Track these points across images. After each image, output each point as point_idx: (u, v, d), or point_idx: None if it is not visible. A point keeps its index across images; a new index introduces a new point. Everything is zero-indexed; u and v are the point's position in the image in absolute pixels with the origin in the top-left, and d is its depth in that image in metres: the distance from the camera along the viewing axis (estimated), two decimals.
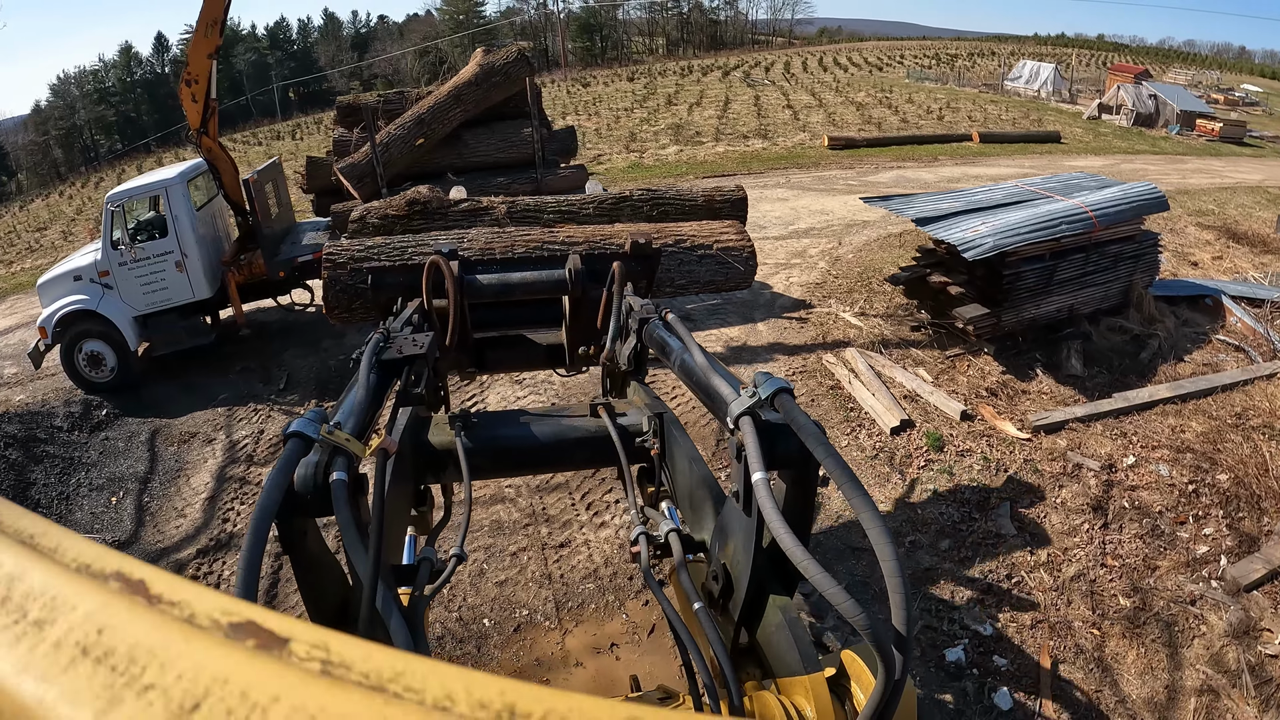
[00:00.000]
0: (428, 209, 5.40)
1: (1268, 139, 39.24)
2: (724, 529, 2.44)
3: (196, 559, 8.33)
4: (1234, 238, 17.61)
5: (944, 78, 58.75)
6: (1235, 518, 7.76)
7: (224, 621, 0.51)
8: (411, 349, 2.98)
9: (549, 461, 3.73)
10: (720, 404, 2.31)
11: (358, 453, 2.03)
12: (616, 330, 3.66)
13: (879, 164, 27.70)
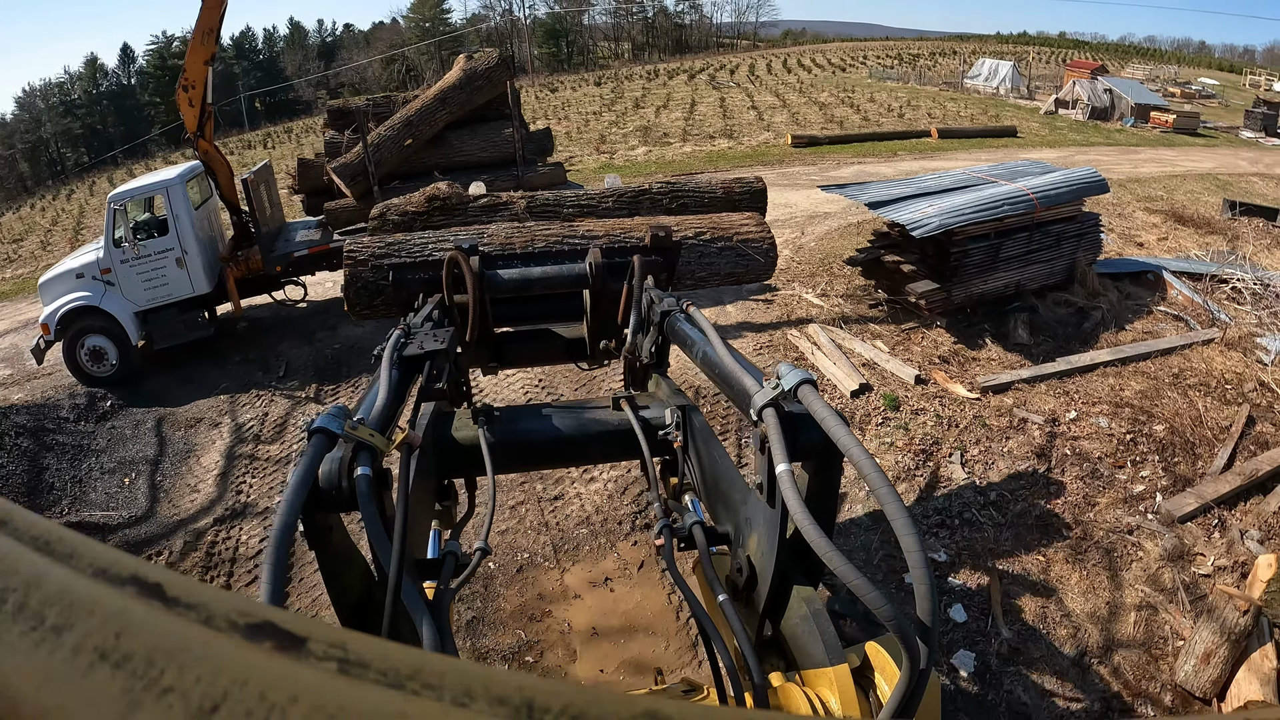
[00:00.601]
0: (447, 205, 5.32)
1: (1221, 129, 40.47)
2: (748, 521, 2.46)
3: (214, 527, 8.94)
4: (1180, 221, 18.60)
5: (905, 77, 59.76)
6: (1170, 462, 8.64)
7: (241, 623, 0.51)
8: (433, 344, 2.99)
9: (572, 455, 3.67)
10: (743, 396, 2.30)
11: (381, 448, 2.05)
12: (638, 323, 3.68)
13: (840, 160, 28.64)
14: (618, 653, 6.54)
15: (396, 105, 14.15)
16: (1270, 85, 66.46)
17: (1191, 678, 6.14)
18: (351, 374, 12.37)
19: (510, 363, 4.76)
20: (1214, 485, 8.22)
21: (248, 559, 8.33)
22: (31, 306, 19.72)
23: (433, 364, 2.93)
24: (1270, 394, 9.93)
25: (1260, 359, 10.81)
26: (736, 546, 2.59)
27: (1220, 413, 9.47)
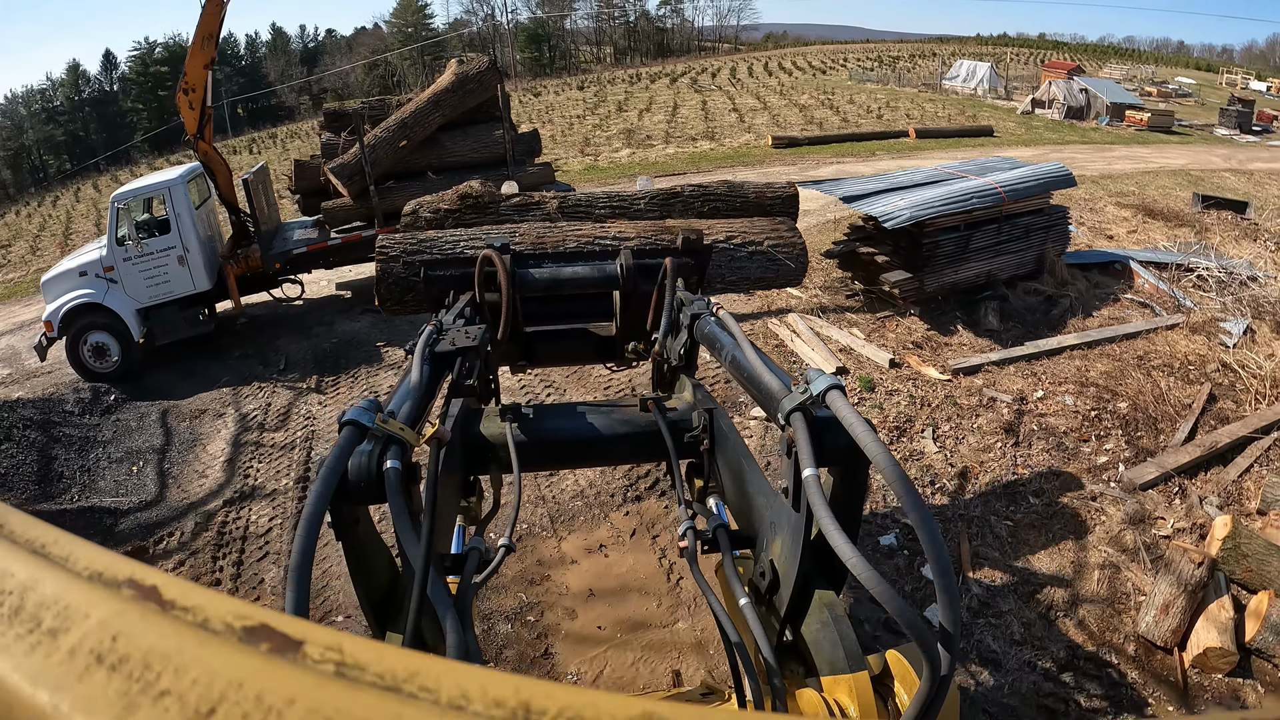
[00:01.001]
0: (480, 203, 5.31)
1: (1196, 127, 41.15)
2: (772, 525, 2.45)
3: (225, 508, 9.28)
4: (1150, 214, 19.22)
5: (885, 79, 60.33)
6: (1133, 436, 9.15)
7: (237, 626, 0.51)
8: (464, 341, 2.98)
9: (598, 455, 3.64)
10: (771, 400, 2.29)
11: (412, 441, 2.06)
12: (668, 325, 3.67)
13: (820, 160, 29.16)
14: (613, 612, 6.96)
15: (391, 108, 14.58)
16: (1246, 84, 67.20)
17: (1153, 628, 6.54)
18: (350, 366, 12.78)
19: (540, 362, 4.79)
20: (1175, 456, 8.70)
21: (258, 536, 8.68)
22: (25, 309, 20.10)
23: (464, 360, 2.93)
24: (1232, 374, 10.42)
25: (1223, 342, 11.32)
26: (760, 550, 2.57)
27: (1183, 391, 9.98)
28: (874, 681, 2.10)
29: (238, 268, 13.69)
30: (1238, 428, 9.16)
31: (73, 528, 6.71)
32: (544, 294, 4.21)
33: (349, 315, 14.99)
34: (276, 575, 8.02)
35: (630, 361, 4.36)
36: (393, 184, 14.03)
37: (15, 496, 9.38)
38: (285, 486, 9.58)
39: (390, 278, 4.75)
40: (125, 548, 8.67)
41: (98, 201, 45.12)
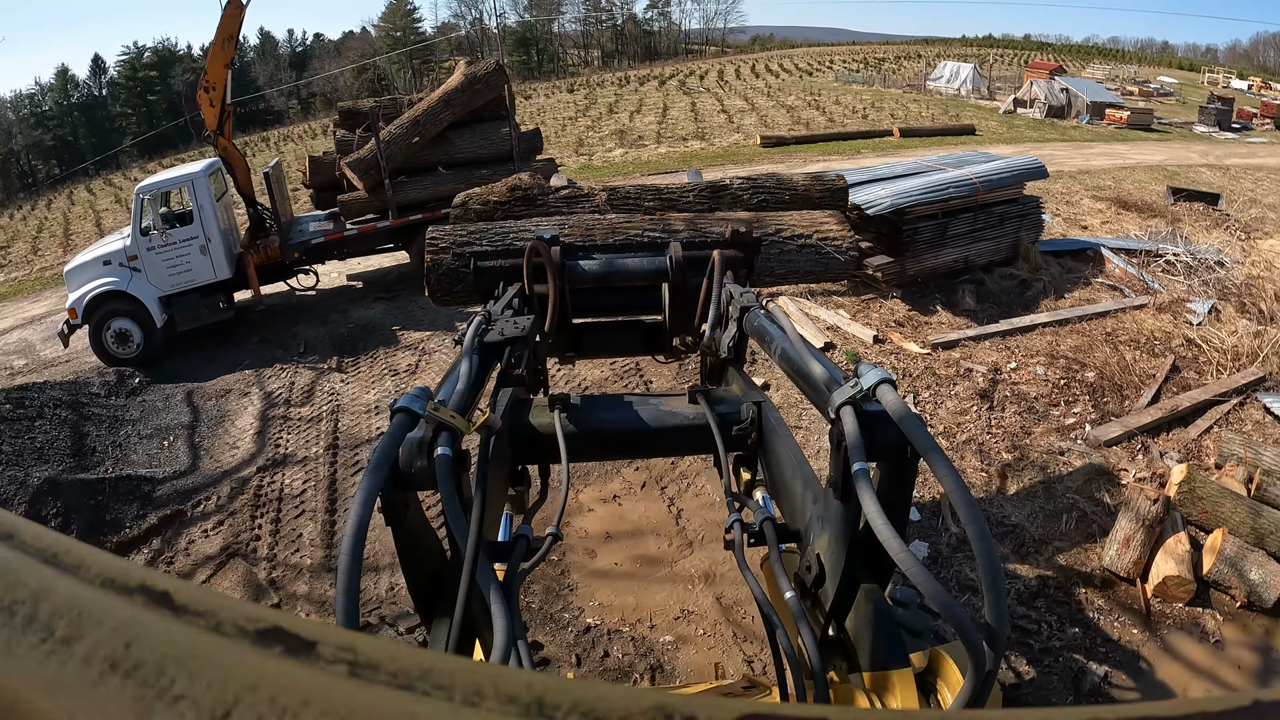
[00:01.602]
0: (529, 195, 5.31)
1: (1175, 125, 42.02)
2: (819, 519, 2.41)
3: (258, 474, 9.96)
4: (1124, 206, 20.03)
5: (871, 80, 61.15)
6: (1100, 401, 9.93)
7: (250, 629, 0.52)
8: (513, 331, 3.02)
9: (646, 447, 3.62)
10: (821, 393, 2.29)
11: (462, 429, 2.07)
12: (717, 318, 3.67)
13: (807, 158, 29.91)
14: (628, 550, 7.72)
15: (403, 106, 15.33)
16: (1228, 82, 68.07)
17: (1116, 560, 7.26)
18: (368, 348, 13.49)
19: (588, 353, 4.78)
20: (1138, 417, 9.49)
21: (293, 497, 9.37)
22: (33, 305, 20.75)
23: (513, 350, 2.98)
24: (1196, 349, 11.20)
25: (1189, 320, 12.11)
26: (806, 544, 2.52)
27: (1148, 363, 10.77)
28: (917, 678, 2.11)
29: (257, 257, 14.39)
30: (1199, 393, 9.94)
31: (111, 495, 7.54)
32: (593, 285, 4.23)
33: (362, 303, 15.74)
34: (313, 530, 8.71)
35: (679, 354, 4.40)
36: (405, 178, 14.80)
37: (52, 468, 9.85)
38: (316, 454, 10.26)
39: (441, 268, 4.78)
40: (164, 511, 9.29)
41: (93, 204, 45.58)
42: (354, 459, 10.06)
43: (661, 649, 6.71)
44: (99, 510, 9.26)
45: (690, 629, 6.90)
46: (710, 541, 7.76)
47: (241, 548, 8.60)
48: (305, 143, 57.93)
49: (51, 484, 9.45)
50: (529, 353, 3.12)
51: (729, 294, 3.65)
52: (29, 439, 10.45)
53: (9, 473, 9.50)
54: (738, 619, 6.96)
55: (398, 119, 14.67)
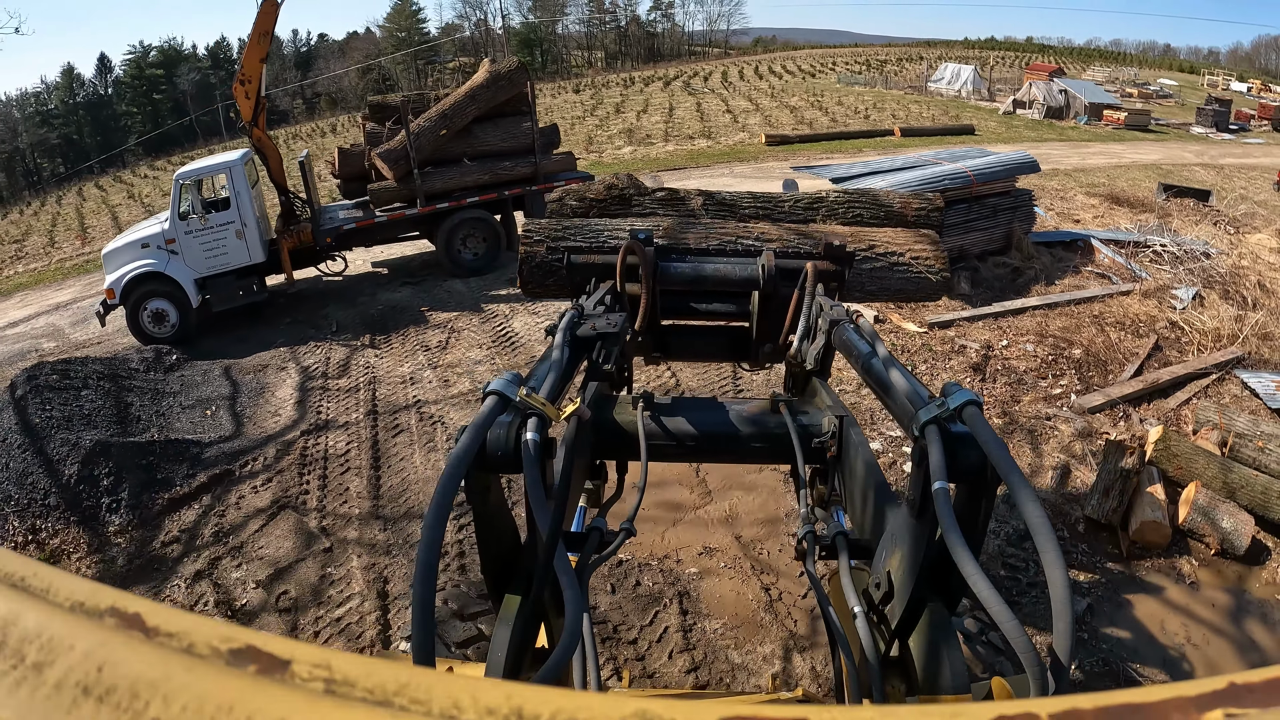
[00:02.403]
0: (625, 195, 5.33)
1: (1173, 126, 42.88)
2: (893, 536, 2.39)
3: (303, 438, 10.61)
4: (1116, 202, 20.75)
5: (873, 81, 61.96)
6: (1085, 375, 10.64)
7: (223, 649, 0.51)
8: (605, 327, 3.01)
9: (725, 451, 3.60)
10: (906, 411, 2.25)
11: (552, 416, 2.10)
12: (805, 330, 3.60)
13: (810, 156, 30.69)
14: (654, 497, 8.31)
15: (430, 101, 16.13)
16: (1227, 85, 68.64)
17: (1097, 509, 7.89)
18: (399, 327, 14.20)
19: (674, 355, 4.79)
20: (1121, 388, 10.19)
21: (338, 457, 10.05)
22: (57, 293, 21.43)
23: (604, 345, 2.96)
24: (1179, 330, 11.88)
25: (1173, 304, 12.77)
26: (877, 561, 2.48)
27: (1132, 343, 11.45)
28: None
29: (290, 241, 15.14)
30: (1179, 368, 10.64)
31: (161, 456, 8.42)
32: (683, 288, 4.21)
33: (389, 287, 16.50)
34: (360, 484, 9.40)
35: (764, 363, 4.39)
36: (431, 169, 15.56)
37: (101, 433, 10.33)
38: (356, 419, 10.95)
39: (534, 260, 4.80)
40: (213, 470, 9.90)
41: (106, 199, 46.23)
42: (393, 423, 10.74)
43: (687, 579, 7.45)
44: (150, 469, 9.79)
45: (712, 563, 7.64)
46: (729, 489, 8.49)
47: (291, 500, 9.24)
48: (314, 140, 58.66)
49: (103, 445, 9.89)
50: (618, 349, 3.12)
51: (819, 306, 3.53)
52: (76, 406, 10.86)
53: (60, 435, 10.00)
54: (755, 555, 7.71)
55: (426, 112, 15.47)
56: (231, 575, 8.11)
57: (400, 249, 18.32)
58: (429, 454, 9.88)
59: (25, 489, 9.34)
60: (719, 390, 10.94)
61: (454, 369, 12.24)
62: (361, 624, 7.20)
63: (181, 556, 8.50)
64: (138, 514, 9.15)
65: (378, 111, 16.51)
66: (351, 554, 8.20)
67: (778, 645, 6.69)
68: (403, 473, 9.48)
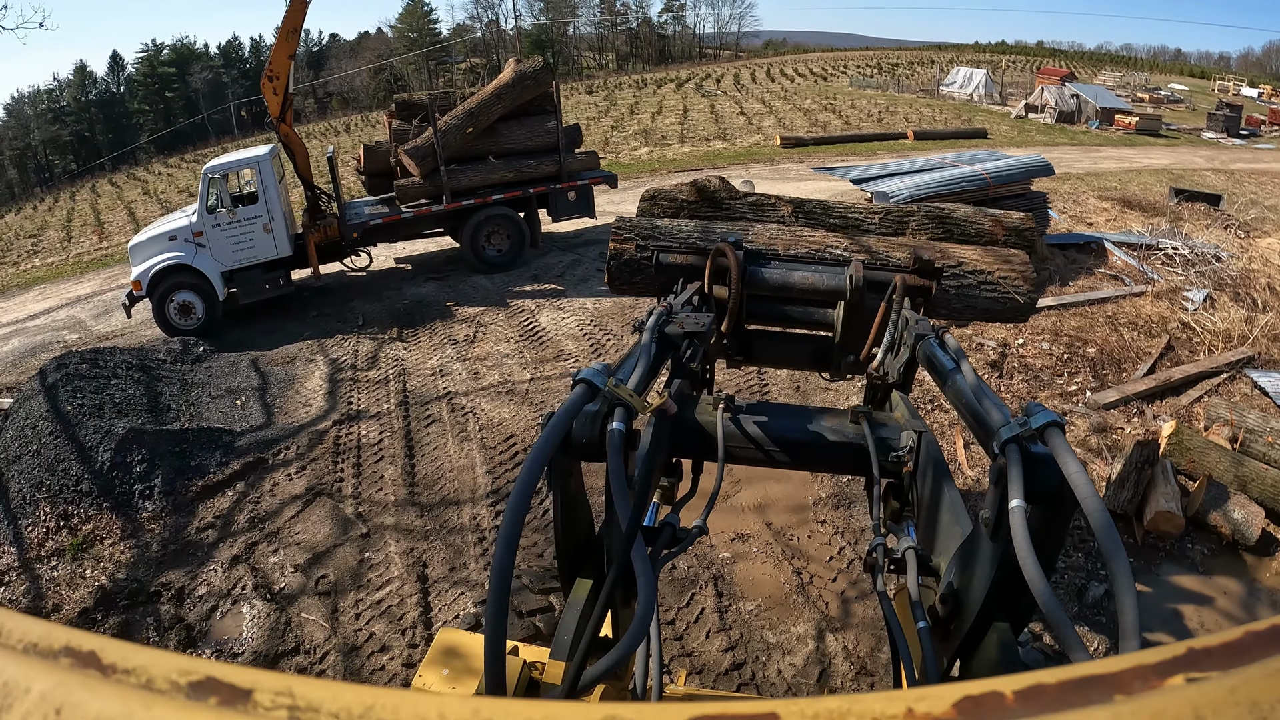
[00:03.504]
0: (716, 197, 5.34)
1: (1184, 130, 42.89)
2: (964, 554, 2.37)
3: (335, 427, 10.83)
4: (1128, 205, 20.96)
5: (885, 85, 61.88)
6: (1100, 373, 10.88)
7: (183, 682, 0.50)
8: (692, 326, 3.07)
9: (801, 458, 3.54)
10: (987, 428, 2.23)
11: (638, 408, 2.11)
12: (890, 343, 3.58)
13: (825, 159, 30.73)
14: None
15: (455, 100, 16.43)
16: (1238, 90, 68.37)
17: (1113, 499, 8.06)
18: (425, 321, 14.46)
19: (757, 360, 4.82)
20: (1134, 385, 10.44)
21: (371, 446, 10.28)
22: (77, 286, 21.66)
23: (690, 344, 3.04)
24: (1190, 331, 12.11)
25: (1185, 306, 13.00)
26: (946, 578, 2.47)
27: (1145, 343, 11.69)
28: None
29: (317, 236, 15.42)
30: (1191, 367, 10.92)
31: (194, 444, 8.77)
32: (770, 294, 4.21)
33: (414, 282, 16.79)
34: (395, 472, 9.64)
35: (846, 374, 4.39)
36: (456, 166, 15.82)
37: (132, 420, 10.44)
38: (388, 410, 11.19)
39: (623, 257, 4.83)
40: (246, 459, 10.09)
41: (120, 195, 46.51)
42: (425, 414, 10.98)
43: (721, 563, 7.71)
44: (183, 457, 9.97)
45: (745, 548, 7.89)
46: (760, 479, 8.68)
47: (326, 488, 9.46)
48: (329, 139, 58.75)
49: (136, 433, 10.05)
50: (704, 349, 3.22)
51: (905, 320, 3.53)
52: (107, 395, 10.96)
53: (93, 423, 10.13)
54: (786, 540, 7.97)
55: (452, 110, 15.76)
56: (269, 560, 8.32)
57: (423, 245, 18.59)
58: (462, 444, 10.12)
59: (56, 475, 9.51)
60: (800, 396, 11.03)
61: (483, 361, 12.49)
62: (402, 606, 7.43)
63: (217, 542, 8.70)
64: (171, 500, 9.34)
65: (404, 109, 16.84)
66: (389, 539, 8.41)
67: (810, 626, 6.92)
68: (437, 461, 9.73)
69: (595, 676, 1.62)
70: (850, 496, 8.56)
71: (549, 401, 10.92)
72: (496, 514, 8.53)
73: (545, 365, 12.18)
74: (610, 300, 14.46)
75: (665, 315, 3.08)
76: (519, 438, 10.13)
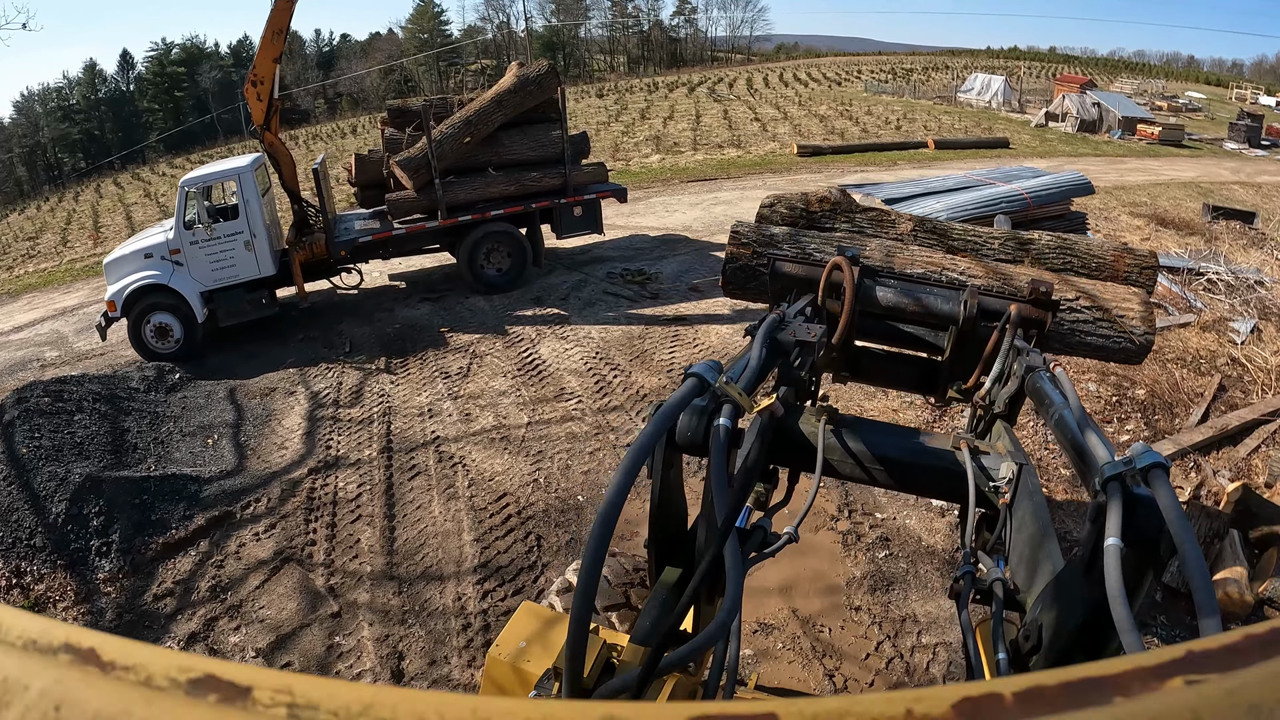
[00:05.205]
0: (836, 210, 5.32)
1: (1206, 141, 41.82)
2: (1052, 591, 2.37)
3: (310, 476, 9.83)
4: (1162, 223, 20.04)
5: (900, 90, 61.02)
6: (1151, 419, 9.93)
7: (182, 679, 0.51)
8: (804, 335, 3.14)
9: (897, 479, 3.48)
10: (1091, 465, 2.25)
11: (745, 407, 2.17)
12: (999, 373, 3.62)
13: (844, 169, 29.96)
14: None
15: (453, 106, 15.28)
16: (1256, 98, 67.67)
17: (1176, 577, 7.03)
18: (416, 349, 13.42)
19: (863, 377, 4.86)
20: (1189, 435, 9.52)
21: (348, 501, 9.27)
22: (65, 296, 20.88)
23: (800, 353, 3.12)
24: (1240, 368, 11.24)
25: (1232, 339, 12.12)
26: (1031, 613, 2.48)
27: (1195, 382, 10.75)
28: None
29: (302, 254, 14.38)
30: (1246, 412, 9.99)
31: (157, 493, 7.52)
32: (882, 312, 4.23)
33: (407, 303, 15.73)
34: (372, 536, 8.62)
35: (951, 400, 4.38)
36: (454, 178, 14.73)
37: (93, 464, 9.67)
38: (369, 457, 10.16)
39: (738, 263, 4.93)
40: (212, 512, 9.18)
41: (122, 197, 45.86)
42: (409, 463, 9.97)
43: (743, 662, 6.52)
44: (144, 509, 9.11)
45: (769, 642, 6.87)
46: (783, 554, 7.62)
47: (296, 552, 8.50)
48: (335, 141, 58.18)
49: (93, 481, 9.24)
50: (813, 360, 3.26)
51: (1016, 350, 3.59)
52: (68, 433, 10.21)
53: (48, 469, 9.32)
54: (816, 634, 6.93)
55: (449, 118, 14.66)
56: (229, 639, 7.42)
57: (420, 261, 17.54)
58: (449, 503, 9.10)
59: (9, 527, 8.70)
60: None
61: (476, 401, 11.43)
62: None
63: (175, 613, 7.82)
64: (129, 559, 8.52)
65: (398, 116, 15.64)
66: (362, 621, 7.47)
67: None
68: (419, 524, 8.70)
69: (672, 663, 1.68)
70: (889, 577, 7.51)
71: (547, 452, 9.90)
72: (484, 594, 7.52)
73: (545, 406, 11.10)
74: (618, 329, 13.50)
75: (778, 322, 3.20)
76: (513, 497, 9.06)
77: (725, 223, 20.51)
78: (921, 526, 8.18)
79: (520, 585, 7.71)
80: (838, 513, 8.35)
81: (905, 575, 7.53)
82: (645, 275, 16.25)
